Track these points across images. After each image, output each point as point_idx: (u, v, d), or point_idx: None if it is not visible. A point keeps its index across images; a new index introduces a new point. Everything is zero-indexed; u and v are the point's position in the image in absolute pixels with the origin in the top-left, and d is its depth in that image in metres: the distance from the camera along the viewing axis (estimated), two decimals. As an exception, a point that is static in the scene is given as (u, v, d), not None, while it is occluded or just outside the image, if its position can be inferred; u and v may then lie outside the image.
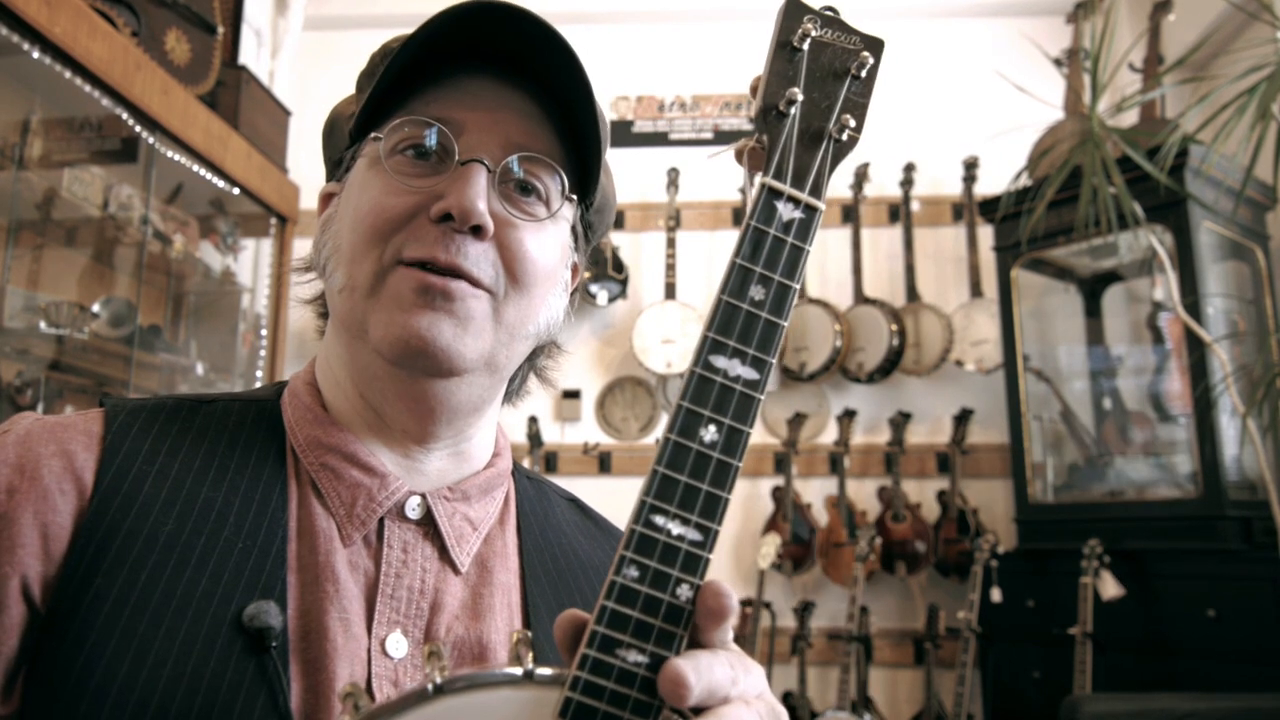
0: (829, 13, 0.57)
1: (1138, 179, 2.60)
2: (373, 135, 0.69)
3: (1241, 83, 2.36)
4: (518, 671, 0.47)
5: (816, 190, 0.53)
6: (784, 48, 0.56)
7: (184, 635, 0.59)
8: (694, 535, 0.49)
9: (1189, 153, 2.65)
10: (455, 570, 0.70)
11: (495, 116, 0.69)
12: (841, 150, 0.55)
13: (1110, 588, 2.63)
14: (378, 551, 0.67)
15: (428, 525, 0.70)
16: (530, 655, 0.48)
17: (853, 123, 0.55)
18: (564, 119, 0.71)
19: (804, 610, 3.24)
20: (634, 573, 0.48)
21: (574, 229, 0.76)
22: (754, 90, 0.57)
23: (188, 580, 0.61)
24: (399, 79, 0.68)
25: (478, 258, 0.66)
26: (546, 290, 0.72)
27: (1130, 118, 3.16)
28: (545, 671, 0.47)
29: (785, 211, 0.52)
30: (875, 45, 0.57)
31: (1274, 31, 2.43)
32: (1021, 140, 3.20)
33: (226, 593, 0.61)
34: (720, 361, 0.50)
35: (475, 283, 0.66)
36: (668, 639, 0.48)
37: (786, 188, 0.52)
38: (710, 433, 0.50)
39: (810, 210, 0.52)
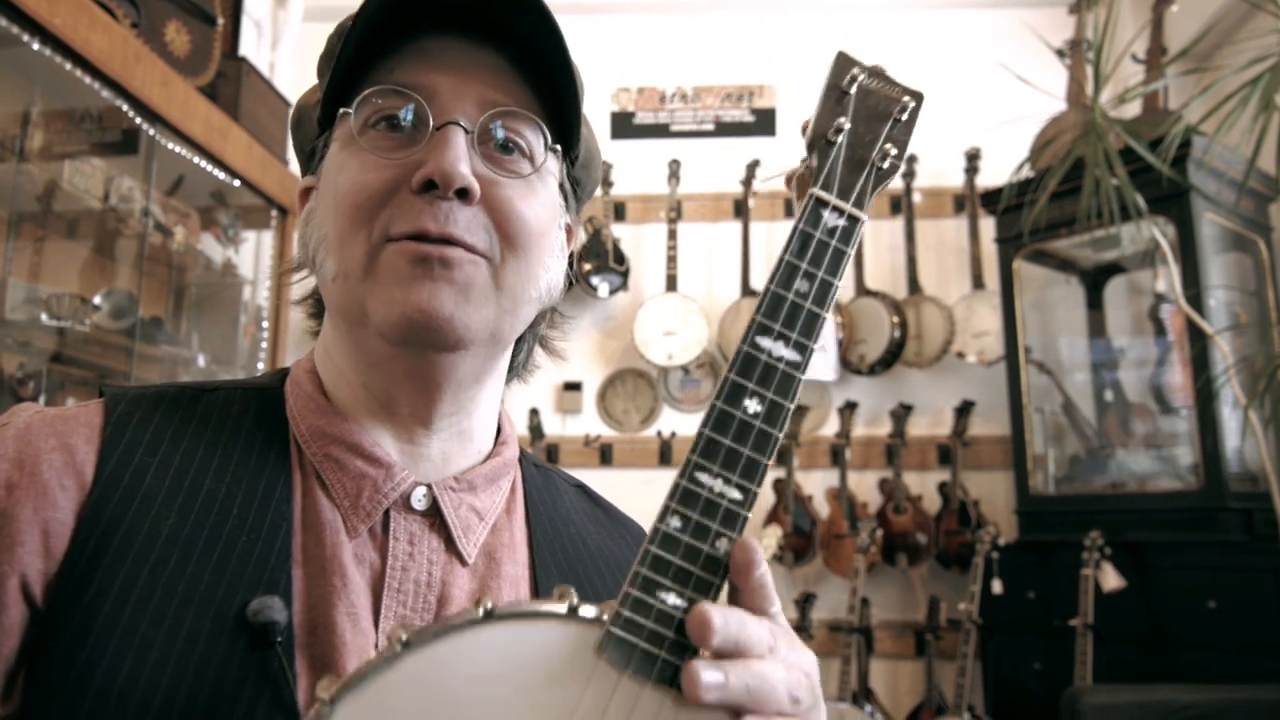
0: (875, 68, 0.65)
1: (1140, 170, 2.59)
2: (341, 111, 0.67)
3: (1244, 74, 2.35)
4: (562, 608, 0.50)
5: (859, 204, 0.60)
6: (833, 90, 0.63)
7: (187, 631, 0.58)
8: (734, 494, 0.54)
9: (1192, 144, 2.64)
10: (462, 561, 0.69)
11: (465, 76, 0.66)
12: (883, 176, 0.61)
13: (1111, 579, 2.64)
14: (383, 543, 0.67)
15: (434, 516, 0.69)
16: (575, 594, 0.51)
17: (894, 152, 0.62)
18: (535, 71, 0.69)
19: (805, 602, 3.25)
20: (677, 522, 0.53)
21: (562, 187, 0.74)
22: (804, 130, 0.63)
23: (190, 574, 0.60)
24: (359, 52, 0.66)
25: (469, 223, 0.64)
26: (543, 251, 0.70)
27: (1133, 109, 3.15)
28: (589, 611, 0.50)
29: (830, 219, 0.59)
30: (916, 96, 0.65)
31: (1277, 22, 2.42)
32: (1024, 131, 3.20)
33: (230, 587, 0.60)
34: (765, 342, 0.56)
35: (471, 249, 0.65)
36: (705, 586, 0.52)
37: (832, 198, 0.59)
38: (754, 404, 0.55)
39: (852, 220, 0.59)
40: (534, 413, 3.60)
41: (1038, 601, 2.91)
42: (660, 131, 3.88)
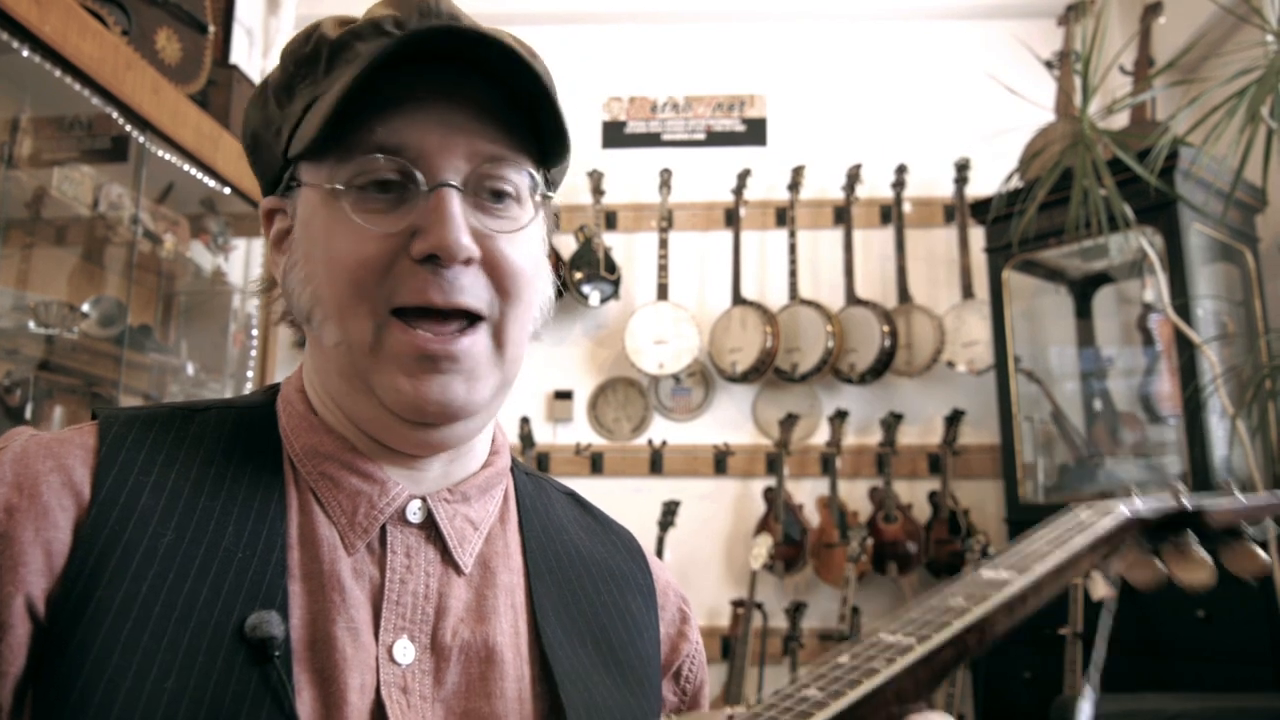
0: None
1: (1128, 181, 2.61)
2: (328, 186, 0.65)
3: (1231, 85, 2.37)
4: None
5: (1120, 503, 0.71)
6: None
7: (186, 647, 0.58)
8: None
9: (1179, 155, 2.66)
10: (458, 572, 0.69)
11: (451, 127, 0.65)
12: (1172, 508, 0.74)
13: (1100, 588, 2.64)
14: (381, 557, 0.67)
15: (429, 528, 0.70)
16: None
17: (1184, 501, 0.72)
18: (518, 106, 0.68)
19: (796, 611, 3.25)
20: (845, 660, 0.53)
21: (546, 207, 0.73)
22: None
23: (188, 591, 0.60)
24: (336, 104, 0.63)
25: (472, 286, 0.65)
26: (536, 290, 0.71)
27: (1121, 120, 3.17)
28: None
29: (1083, 513, 0.71)
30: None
31: (1263, 35, 2.44)
32: (1013, 142, 3.22)
33: (227, 603, 0.60)
34: (987, 572, 0.61)
35: (475, 315, 0.65)
36: None
37: (1078, 508, 0.70)
38: (957, 600, 0.58)
39: (1108, 511, 0.70)
40: (525, 421, 3.59)
41: (1028, 610, 2.91)
42: (651, 141, 3.89)
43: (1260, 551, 0.73)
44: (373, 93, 0.63)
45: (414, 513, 0.69)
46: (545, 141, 0.69)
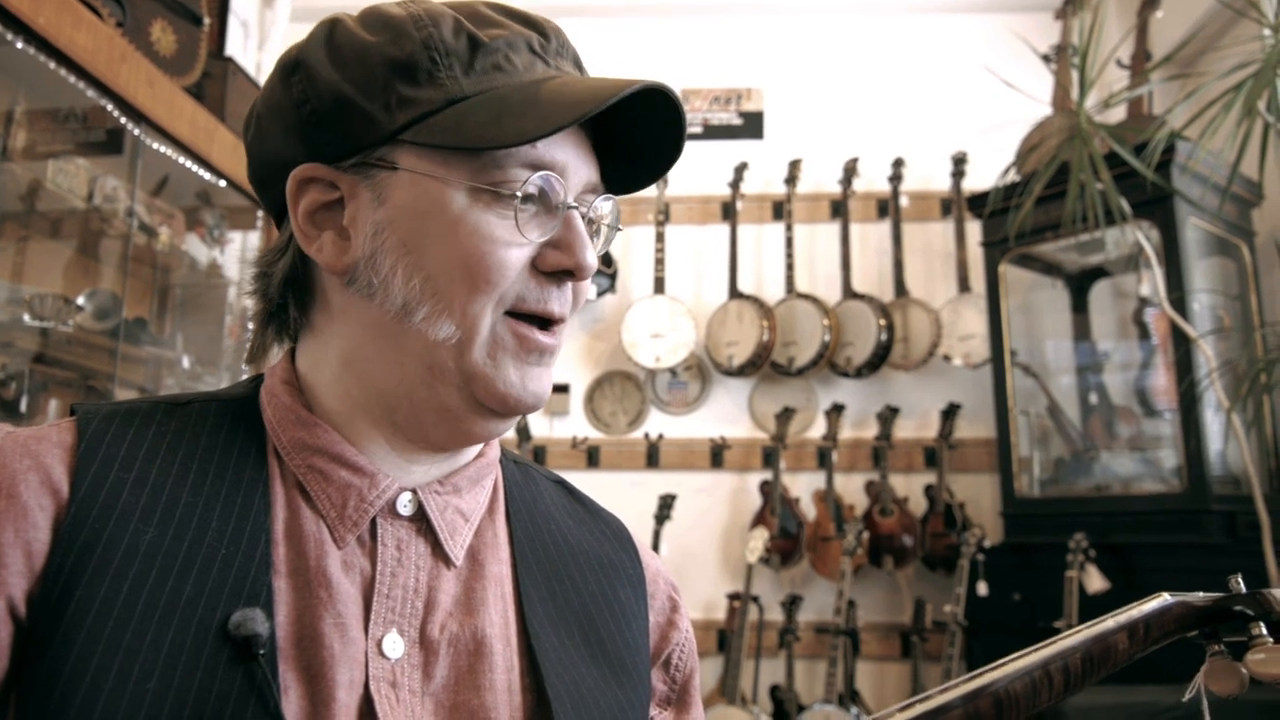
0: None
1: (1125, 175, 2.61)
2: (489, 187, 0.64)
3: (1228, 79, 2.37)
4: None
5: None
6: None
7: (169, 646, 0.58)
8: None
9: (1176, 149, 2.66)
10: (448, 564, 0.69)
11: (580, 154, 0.69)
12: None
13: (1095, 581, 2.65)
14: (372, 550, 0.67)
15: (420, 521, 0.69)
16: None
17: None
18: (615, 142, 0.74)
19: (792, 604, 3.25)
20: None
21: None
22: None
23: (171, 589, 0.60)
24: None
25: (569, 301, 0.70)
26: None
27: (1118, 114, 3.17)
28: None
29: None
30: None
31: (1260, 28, 2.44)
32: (1010, 136, 3.22)
33: (211, 600, 0.60)
34: None
35: (563, 322, 0.70)
36: None
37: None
38: None
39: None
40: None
41: (1023, 603, 2.93)
42: (648, 134, 3.88)
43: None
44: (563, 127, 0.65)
45: (405, 505, 0.69)
46: (631, 183, 0.76)
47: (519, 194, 0.64)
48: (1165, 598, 0.69)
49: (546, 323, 0.69)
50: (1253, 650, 0.65)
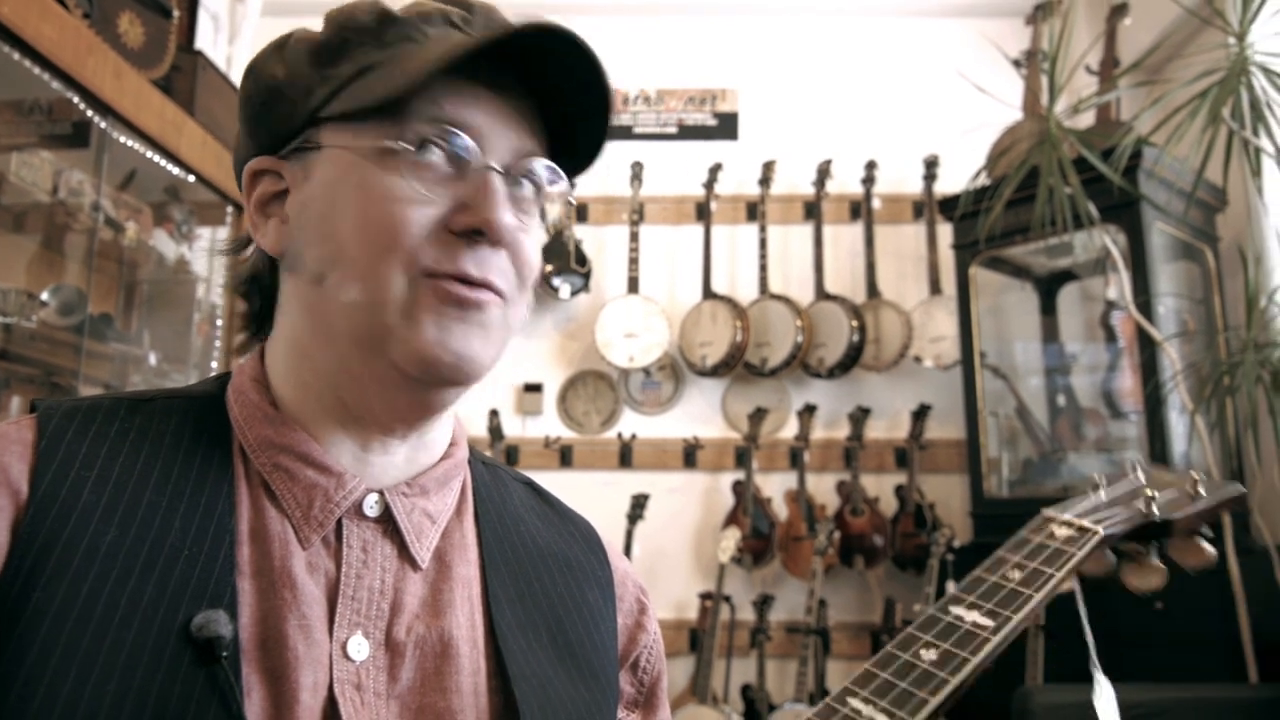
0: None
1: (1093, 180, 2.64)
2: (381, 144, 0.65)
3: (1194, 86, 2.41)
4: None
5: (1095, 520, 0.66)
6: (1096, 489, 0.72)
7: (130, 648, 0.56)
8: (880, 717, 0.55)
9: (1142, 155, 2.70)
10: (415, 566, 0.69)
11: (504, 117, 0.68)
12: (1142, 521, 0.69)
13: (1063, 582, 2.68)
14: (337, 552, 0.66)
15: (386, 522, 0.69)
16: None
17: (1156, 498, 0.70)
18: (563, 119, 0.71)
19: (763, 603, 3.27)
20: None
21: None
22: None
23: (132, 590, 0.58)
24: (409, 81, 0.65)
25: (502, 269, 0.67)
26: (536, 283, 0.73)
27: (1086, 119, 3.21)
28: None
29: (1057, 530, 0.66)
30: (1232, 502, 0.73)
31: (1225, 37, 2.48)
32: (981, 140, 3.25)
33: (173, 602, 0.59)
34: (957, 610, 0.61)
35: (499, 293, 0.67)
36: None
37: (1057, 514, 0.67)
38: (930, 653, 0.58)
39: (1082, 530, 0.66)
40: (494, 414, 3.58)
41: (991, 603, 2.95)
42: (622, 133, 3.88)
43: (1208, 546, 0.75)
44: (443, 69, 0.65)
45: (371, 506, 0.68)
46: (581, 150, 0.73)
47: (413, 147, 0.65)
48: (1097, 535, 0.73)
49: (473, 288, 0.66)
50: (1131, 559, 0.76)
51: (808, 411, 3.51)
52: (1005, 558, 0.60)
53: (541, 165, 0.70)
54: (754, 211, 3.72)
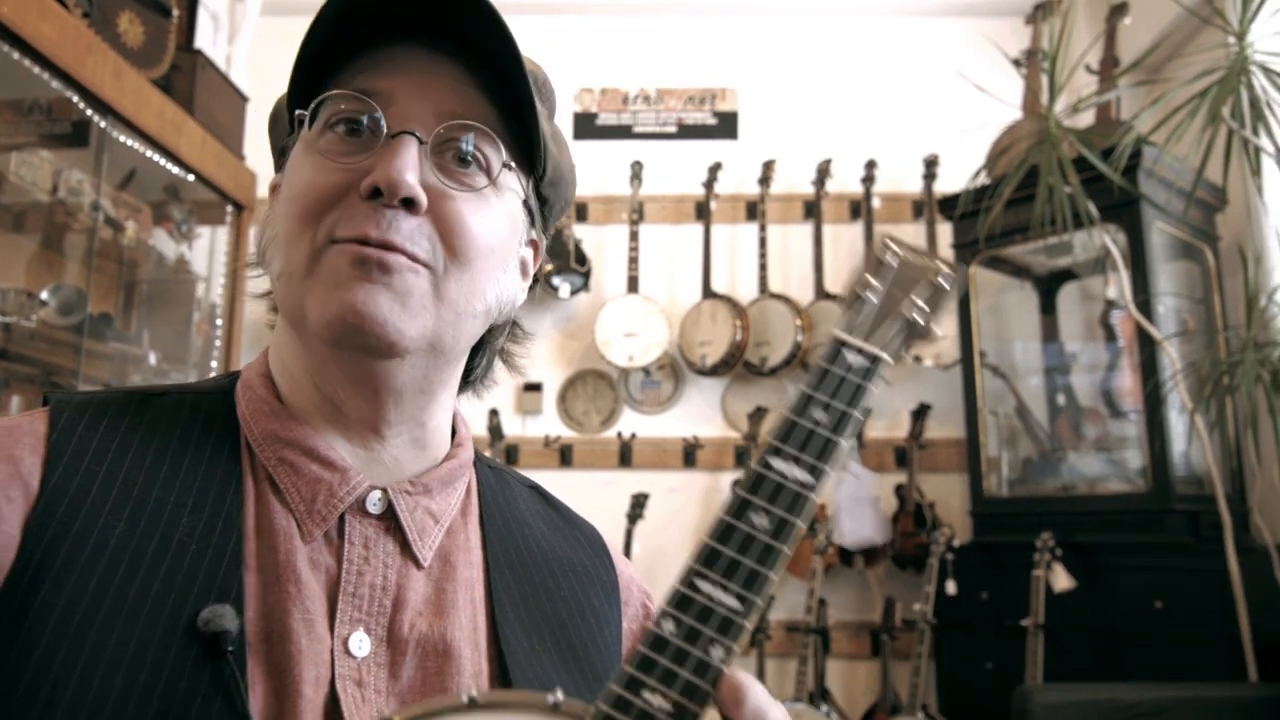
0: (915, 246, 0.69)
1: (1092, 179, 2.64)
2: (298, 112, 0.68)
3: (1194, 86, 2.41)
4: (546, 699, 0.52)
5: (880, 345, 0.63)
6: (872, 259, 0.68)
7: (136, 642, 0.57)
8: (732, 602, 0.54)
9: (1142, 154, 2.70)
10: (417, 565, 0.69)
11: (426, 85, 0.67)
12: (913, 328, 0.65)
13: (1062, 580, 2.68)
14: (339, 548, 0.66)
15: (389, 520, 0.69)
16: (560, 692, 0.52)
17: (926, 309, 0.66)
18: (501, 89, 0.69)
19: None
20: (670, 626, 0.53)
21: (527, 204, 0.73)
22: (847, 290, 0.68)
23: (140, 584, 0.59)
24: (324, 54, 0.67)
25: (412, 232, 0.64)
26: (494, 265, 0.69)
27: (1086, 118, 3.21)
28: (573, 705, 0.52)
29: (852, 358, 0.62)
30: (953, 266, 0.69)
31: (1225, 36, 2.48)
32: (981, 139, 3.24)
33: (180, 597, 0.59)
34: (778, 464, 0.58)
35: (412, 257, 0.64)
36: (691, 691, 0.51)
37: (851, 339, 0.63)
38: (761, 519, 0.56)
39: (873, 359, 0.62)
40: (494, 413, 3.58)
41: (990, 602, 2.96)
42: (622, 133, 3.88)
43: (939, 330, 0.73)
44: (362, 48, 0.67)
45: (374, 503, 0.68)
46: (517, 115, 0.70)
47: (329, 125, 0.67)
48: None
49: (378, 249, 0.65)
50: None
51: (807, 411, 3.50)
52: (812, 396, 0.59)
53: (478, 136, 0.67)
54: (754, 211, 3.72)
